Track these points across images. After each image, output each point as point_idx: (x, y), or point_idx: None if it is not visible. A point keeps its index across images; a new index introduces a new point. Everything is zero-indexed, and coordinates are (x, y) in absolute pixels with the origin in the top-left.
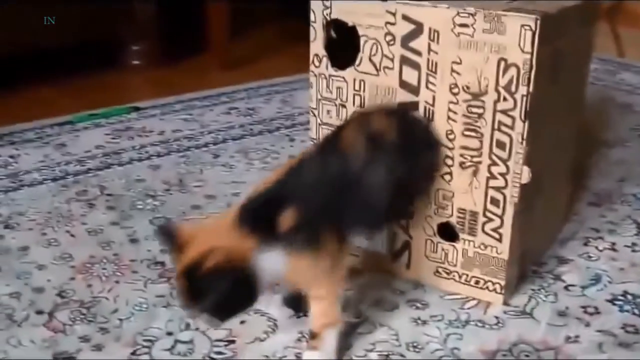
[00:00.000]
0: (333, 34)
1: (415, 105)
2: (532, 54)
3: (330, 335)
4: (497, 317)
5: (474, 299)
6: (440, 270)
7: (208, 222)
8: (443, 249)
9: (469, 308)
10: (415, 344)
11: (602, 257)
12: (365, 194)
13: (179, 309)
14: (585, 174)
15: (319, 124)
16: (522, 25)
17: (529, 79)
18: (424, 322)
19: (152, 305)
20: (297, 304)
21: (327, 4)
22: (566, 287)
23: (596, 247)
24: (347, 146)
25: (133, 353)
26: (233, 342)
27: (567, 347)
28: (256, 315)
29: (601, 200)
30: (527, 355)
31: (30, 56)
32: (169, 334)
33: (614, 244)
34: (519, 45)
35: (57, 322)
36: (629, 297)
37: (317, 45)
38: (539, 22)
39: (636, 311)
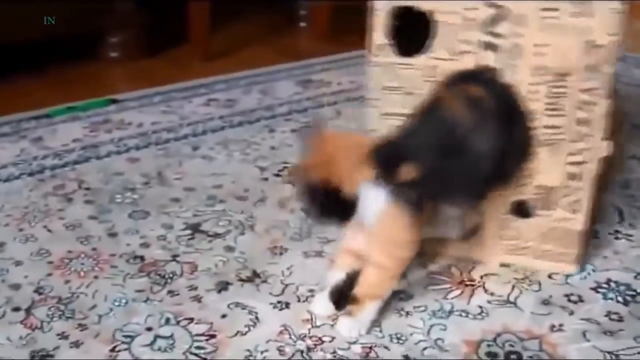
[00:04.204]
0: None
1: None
2: (617, 35)
3: (371, 306)
4: (480, 307)
5: (457, 289)
6: (512, 247)
7: (346, 138)
8: (517, 227)
9: (452, 298)
10: (398, 336)
11: None
12: (472, 161)
13: (159, 303)
14: None
15: (381, 115)
16: (610, 9)
17: (613, 59)
18: (408, 313)
19: (131, 301)
20: (340, 298)
21: None
22: (550, 276)
23: None
24: (450, 112)
25: (112, 350)
26: (214, 336)
27: (551, 336)
28: (237, 308)
29: None
30: (511, 345)
31: (7, 48)
32: (149, 329)
33: (597, 232)
34: (606, 27)
35: (34, 319)
36: (613, 284)
37: (379, 34)
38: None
39: (620, 299)
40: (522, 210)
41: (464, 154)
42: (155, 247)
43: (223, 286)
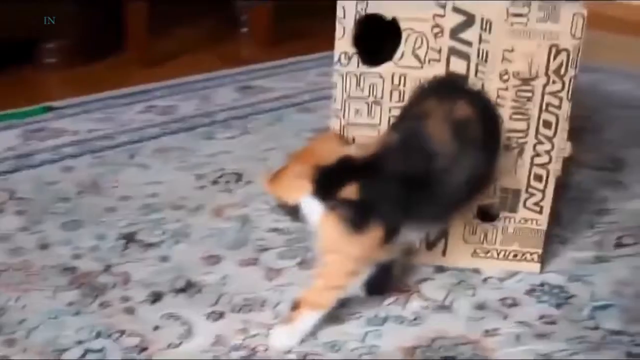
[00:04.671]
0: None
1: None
2: (580, 38)
3: (309, 317)
4: (415, 313)
5: (392, 295)
6: (478, 250)
7: (320, 147)
8: (482, 230)
9: (388, 304)
10: (333, 344)
11: None
12: (444, 192)
13: (91, 315)
14: None
15: (345, 125)
16: (575, 14)
17: (576, 62)
18: (343, 321)
19: (61, 314)
20: (377, 286)
21: None
22: (485, 280)
23: None
24: (433, 139)
25: None
26: (146, 349)
27: (485, 341)
28: (170, 320)
29: None
30: (446, 350)
31: None
32: (79, 342)
33: None
34: (571, 31)
35: None
36: (547, 287)
37: (345, 42)
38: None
39: (553, 301)
40: (487, 213)
41: (439, 184)
42: (88, 258)
43: (156, 297)
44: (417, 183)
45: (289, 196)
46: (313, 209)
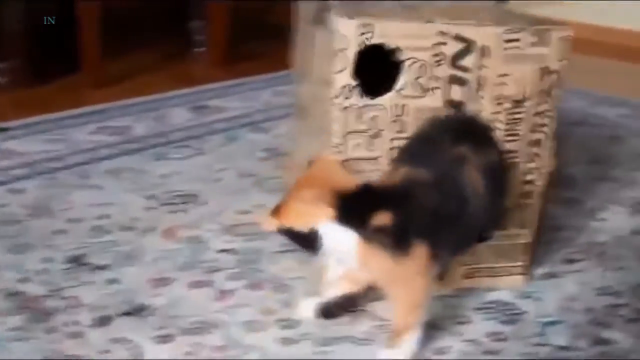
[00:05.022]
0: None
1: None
2: (566, 60)
3: (411, 336)
4: (365, 333)
5: (346, 315)
6: (471, 271)
7: (326, 174)
8: (475, 251)
9: (339, 325)
10: None
11: None
12: (470, 228)
13: (37, 341)
14: None
15: (344, 160)
16: (561, 37)
17: (561, 82)
18: (295, 342)
19: (6, 340)
20: (329, 312)
21: (369, 27)
22: (436, 298)
23: None
24: (470, 186)
25: None
26: None
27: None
28: (119, 344)
29: None
30: None
31: None
32: None
33: None
34: (558, 54)
35: None
36: (497, 305)
37: (346, 75)
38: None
39: (503, 319)
40: (481, 235)
41: (466, 223)
42: (35, 282)
43: (105, 321)
44: (447, 220)
45: (304, 222)
46: (336, 234)
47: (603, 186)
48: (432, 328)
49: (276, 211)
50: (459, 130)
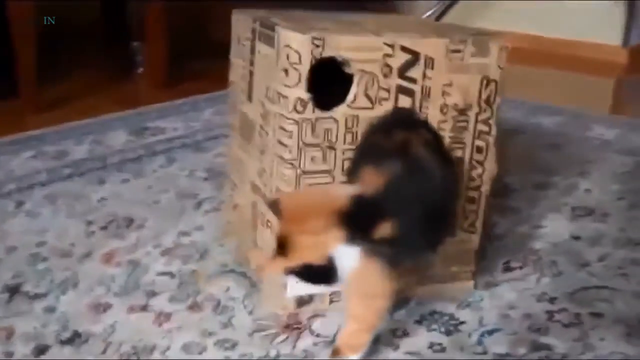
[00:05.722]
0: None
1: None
2: (504, 67)
3: (352, 358)
4: (305, 351)
5: (284, 333)
6: (421, 279)
7: (314, 199)
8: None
9: (278, 343)
10: None
11: None
12: (441, 213)
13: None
14: None
15: (300, 174)
16: (501, 47)
17: (500, 90)
18: None
19: None
20: None
21: (320, 41)
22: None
23: None
24: (422, 159)
25: None
26: None
27: None
28: None
29: None
30: None
31: None
32: None
33: None
34: (497, 63)
35: None
36: (436, 315)
37: (299, 89)
38: None
39: (443, 329)
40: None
41: (439, 200)
42: None
43: (42, 350)
44: (430, 205)
45: (320, 254)
46: (348, 255)
47: (541, 194)
48: (371, 342)
49: (280, 253)
50: (394, 121)
